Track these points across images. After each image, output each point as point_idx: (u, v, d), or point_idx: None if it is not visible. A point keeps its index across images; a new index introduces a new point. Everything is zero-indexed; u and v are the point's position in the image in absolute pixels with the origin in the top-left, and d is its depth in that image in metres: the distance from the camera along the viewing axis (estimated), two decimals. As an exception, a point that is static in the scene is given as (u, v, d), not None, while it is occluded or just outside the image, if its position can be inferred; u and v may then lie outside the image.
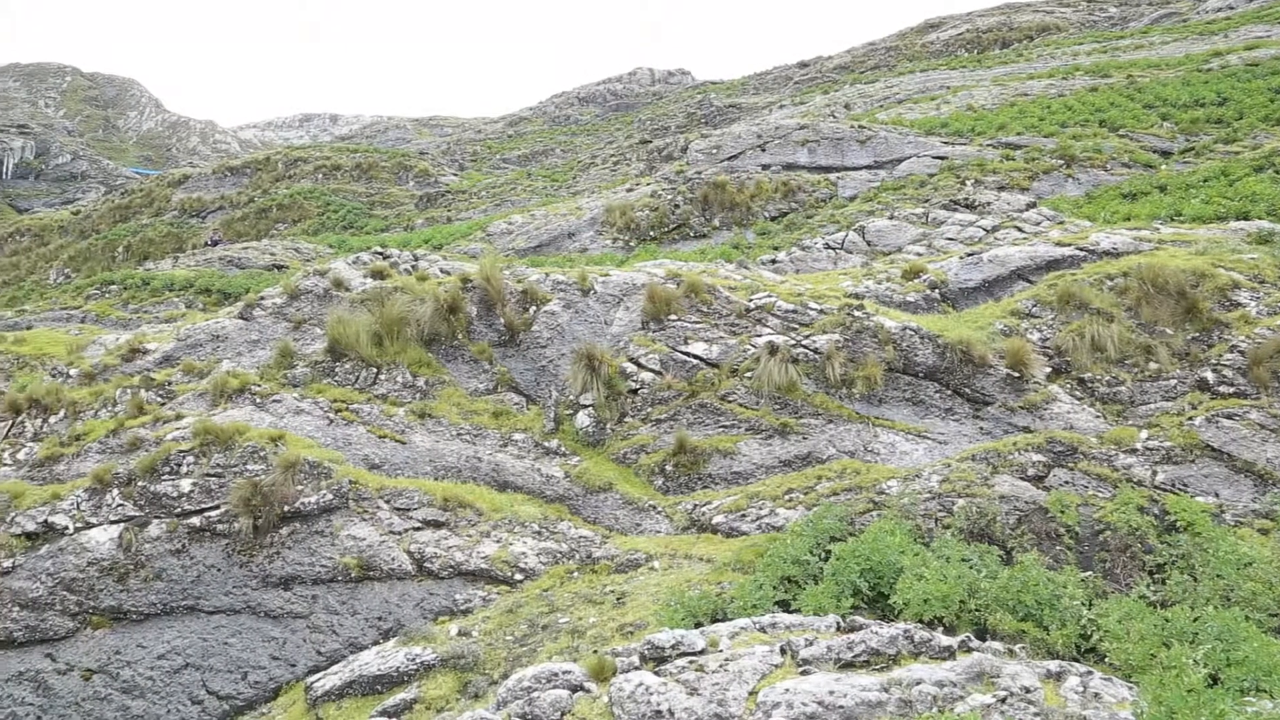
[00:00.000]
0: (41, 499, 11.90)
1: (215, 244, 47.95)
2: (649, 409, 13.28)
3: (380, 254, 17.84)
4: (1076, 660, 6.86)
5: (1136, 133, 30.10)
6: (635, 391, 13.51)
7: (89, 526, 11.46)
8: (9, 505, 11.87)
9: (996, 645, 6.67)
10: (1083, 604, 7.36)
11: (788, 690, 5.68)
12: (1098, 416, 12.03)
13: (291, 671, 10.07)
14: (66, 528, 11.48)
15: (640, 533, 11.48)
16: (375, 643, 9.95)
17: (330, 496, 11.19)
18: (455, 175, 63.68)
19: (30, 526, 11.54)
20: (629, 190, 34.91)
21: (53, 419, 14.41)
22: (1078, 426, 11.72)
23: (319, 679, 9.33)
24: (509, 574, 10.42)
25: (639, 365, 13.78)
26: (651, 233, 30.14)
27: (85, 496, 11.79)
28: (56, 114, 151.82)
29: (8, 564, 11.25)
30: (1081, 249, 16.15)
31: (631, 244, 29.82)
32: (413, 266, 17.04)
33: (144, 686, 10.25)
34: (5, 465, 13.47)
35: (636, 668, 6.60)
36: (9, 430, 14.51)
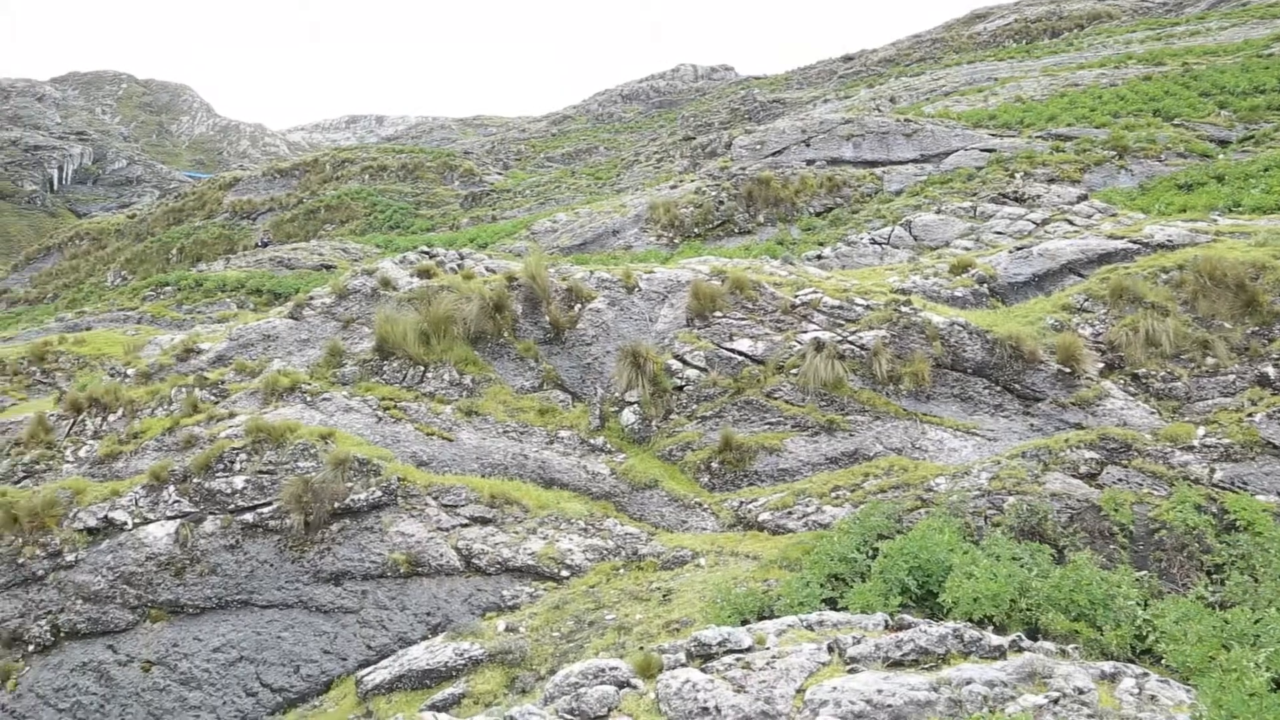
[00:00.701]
0: (102, 495, 12.22)
1: (265, 245, 48.79)
2: (694, 406, 13.27)
3: (426, 253, 18.01)
4: (1131, 662, 6.72)
5: (1193, 121, 29.38)
6: (680, 388, 13.50)
7: (147, 522, 11.74)
8: (71, 501, 12.21)
9: (1048, 645, 6.57)
10: (1138, 604, 7.21)
11: (835, 688, 5.65)
12: (1152, 413, 11.78)
13: (342, 665, 10.23)
14: (125, 523, 11.77)
15: (686, 530, 11.48)
16: (424, 638, 10.07)
17: (379, 493, 11.34)
18: (500, 174, 64.11)
19: (91, 522, 11.86)
20: (673, 187, 34.88)
21: (111, 417, 14.78)
22: (1131, 423, 11.48)
23: (369, 673, 9.46)
24: (555, 570, 10.48)
25: (684, 362, 13.77)
26: (696, 229, 30.08)
27: (143, 493, 12.08)
28: (113, 120, 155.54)
29: (71, 558, 11.58)
30: (1135, 242, 15.82)
31: (676, 241, 29.78)
32: (459, 265, 17.19)
33: (200, 678, 10.48)
34: (68, 462, 13.85)
35: (683, 664, 6.61)
36: (71, 428, 14.91)
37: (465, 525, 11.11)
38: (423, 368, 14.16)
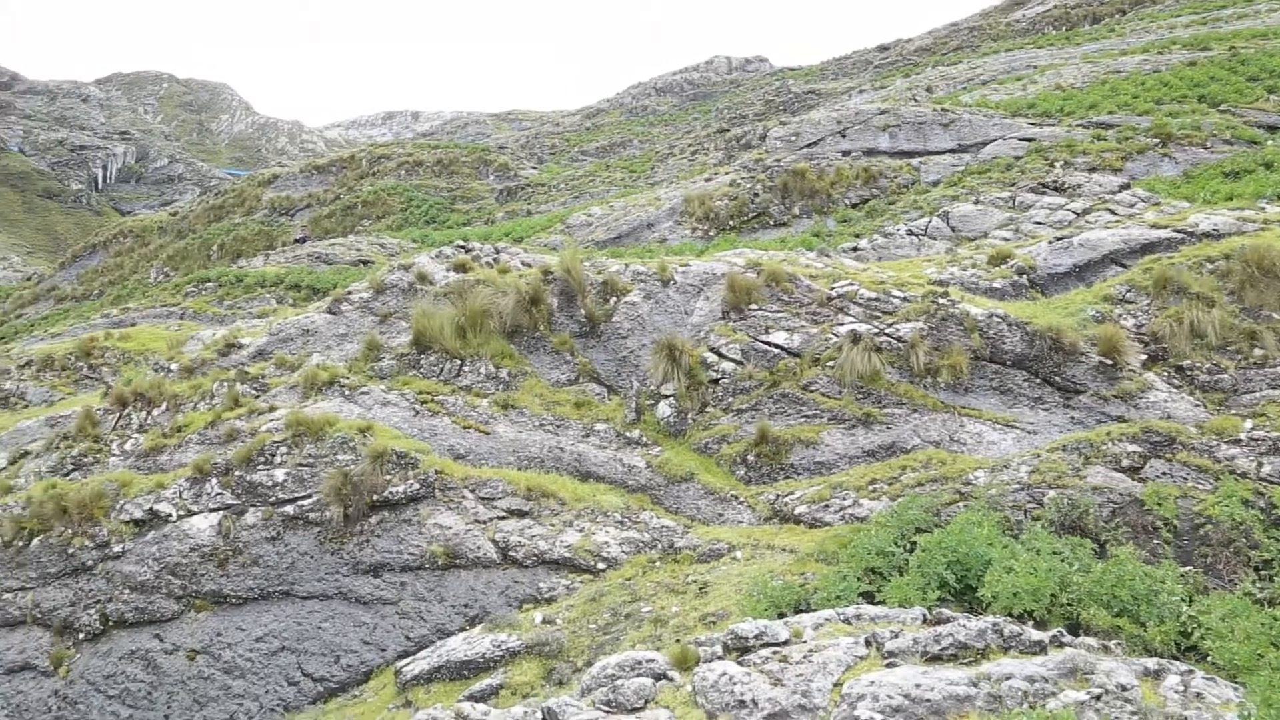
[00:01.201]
0: (147, 488, 12.45)
1: (303, 241, 49.36)
2: (730, 399, 13.24)
3: (462, 247, 18.12)
4: (1176, 658, 6.62)
5: (1240, 107, 28.74)
6: (716, 381, 13.48)
7: (190, 514, 11.94)
8: (118, 493, 12.45)
9: (1090, 641, 6.49)
10: (1182, 600, 7.10)
11: (873, 682, 5.62)
12: (1197, 405, 11.57)
13: (382, 656, 10.35)
14: (170, 515, 11.99)
15: (722, 523, 11.47)
16: (462, 629, 10.16)
17: (417, 486, 11.44)
18: (534, 169, 64.31)
19: (137, 514, 12.09)
20: (707, 180, 34.78)
21: (155, 411, 15.04)
22: (1176, 416, 11.29)
23: (408, 663, 9.57)
24: (592, 563, 10.52)
25: (720, 355, 13.75)
26: (730, 222, 29.97)
27: (187, 485, 12.29)
28: (155, 120, 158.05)
29: (118, 549, 11.82)
30: (1179, 231, 15.53)
31: (710, 234, 29.69)
32: (494, 259, 17.28)
33: (244, 667, 10.66)
34: (114, 455, 14.12)
35: (720, 657, 6.61)
36: (117, 422, 15.21)
37: (502, 518, 11.19)
38: (459, 361, 14.25)
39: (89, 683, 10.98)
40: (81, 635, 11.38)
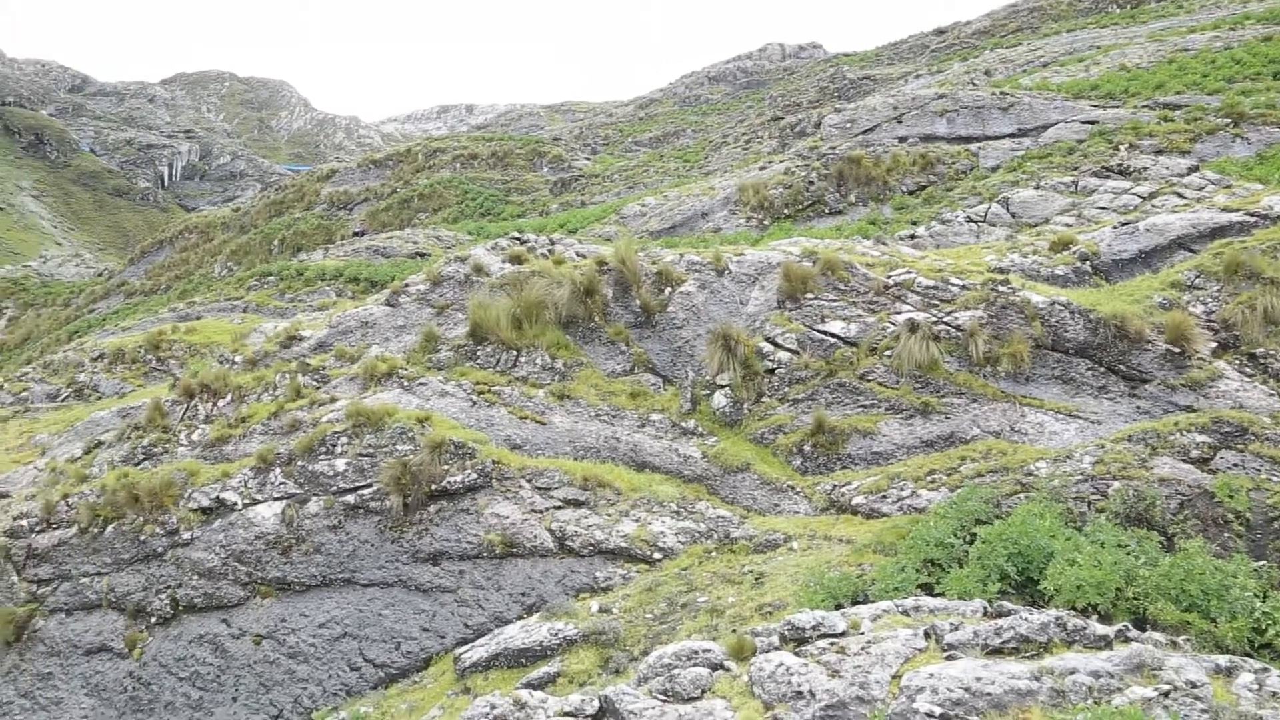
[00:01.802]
0: (213, 477, 12.77)
1: (361, 234, 50.11)
2: (786, 389, 13.16)
3: (517, 239, 18.25)
4: (1249, 656, 6.44)
5: (1317, 85, 27.68)
6: (772, 371, 13.41)
7: (255, 503, 12.23)
8: (186, 482, 12.80)
9: (1157, 636, 6.34)
10: (1256, 595, 6.89)
11: (932, 675, 5.56)
12: (1271, 394, 11.21)
13: (441, 643, 10.50)
14: (236, 503, 12.29)
15: (778, 513, 11.42)
16: (519, 617, 10.26)
17: (475, 476, 11.57)
18: (588, 159, 64.45)
19: (205, 502, 12.41)
20: (761, 168, 34.55)
21: (221, 402, 15.42)
22: (1248, 405, 10.95)
23: (466, 650, 9.70)
24: (648, 553, 10.55)
25: (775, 344, 13.66)
26: (785, 210, 29.73)
27: (251, 475, 12.58)
28: (217, 118, 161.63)
29: (187, 536, 12.15)
30: (1252, 214, 15.03)
31: (765, 222, 29.50)
32: (549, 250, 17.38)
33: (308, 652, 10.90)
34: (182, 445, 14.52)
35: (776, 648, 6.59)
36: (184, 413, 15.62)
37: (559, 507, 11.27)
38: (515, 352, 14.37)
39: (161, 665, 11.33)
40: (153, 619, 11.74)
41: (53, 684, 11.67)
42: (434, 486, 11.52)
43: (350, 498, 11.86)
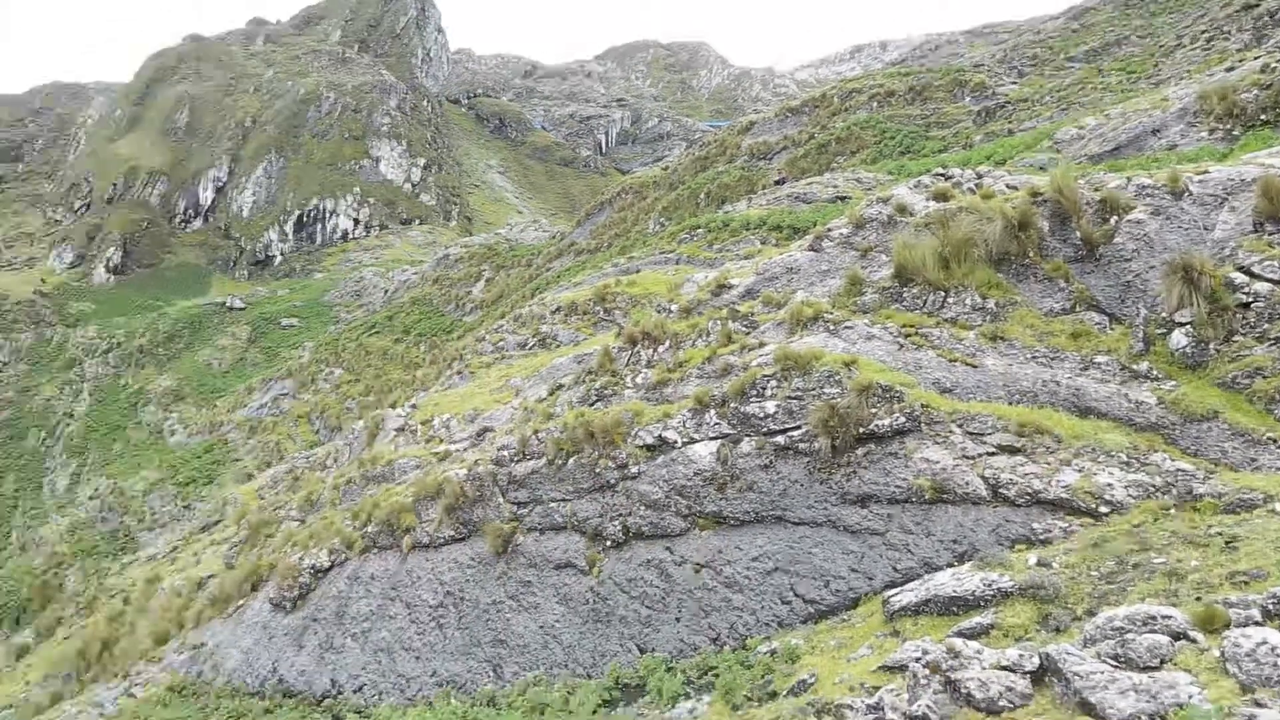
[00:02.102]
0: (655, 417, 13.97)
1: (782, 183, 51.10)
2: (1265, 325, 11.32)
3: (941, 175, 17.52)
4: None
5: None
6: (1246, 305, 11.59)
7: (693, 441, 13.19)
8: (632, 421, 14.15)
9: None
10: None
11: None
12: None
13: (869, 584, 10.61)
14: (675, 442, 13.35)
15: (1255, 469, 9.94)
16: (949, 565, 10.05)
17: (902, 419, 11.45)
18: (1014, 84, 59.70)
19: (648, 440, 13.64)
20: (1228, 70, 29.63)
21: (660, 349, 16.75)
22: None
23: (895, 594, 9.71)
24: (1092, 506, 9.76)
25: (1251, 275, 11.78)
26: (1262, 116, 25.24)
27: (688, 416, 13.57)
28: (644, 84, 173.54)
29: (634, 470, 13.47)
30: None
31: (1234, 133, 25.29)
32: (976, 185, 16.47)
33: (741, 583, 11.61)
34: (628, 388, 16.04)
35: (1256, 623, 5.82)
36: (628, 359, 17.21)
37: (991, 454, 10.79)
38: (942, 293, 13.89)
39: (615, 583, 12.74)
40: (608, 543, 13.21)
41: (531, 590, 13.65)
42: (861, 429, 11.58)
43: (780, 439, 12.32)
